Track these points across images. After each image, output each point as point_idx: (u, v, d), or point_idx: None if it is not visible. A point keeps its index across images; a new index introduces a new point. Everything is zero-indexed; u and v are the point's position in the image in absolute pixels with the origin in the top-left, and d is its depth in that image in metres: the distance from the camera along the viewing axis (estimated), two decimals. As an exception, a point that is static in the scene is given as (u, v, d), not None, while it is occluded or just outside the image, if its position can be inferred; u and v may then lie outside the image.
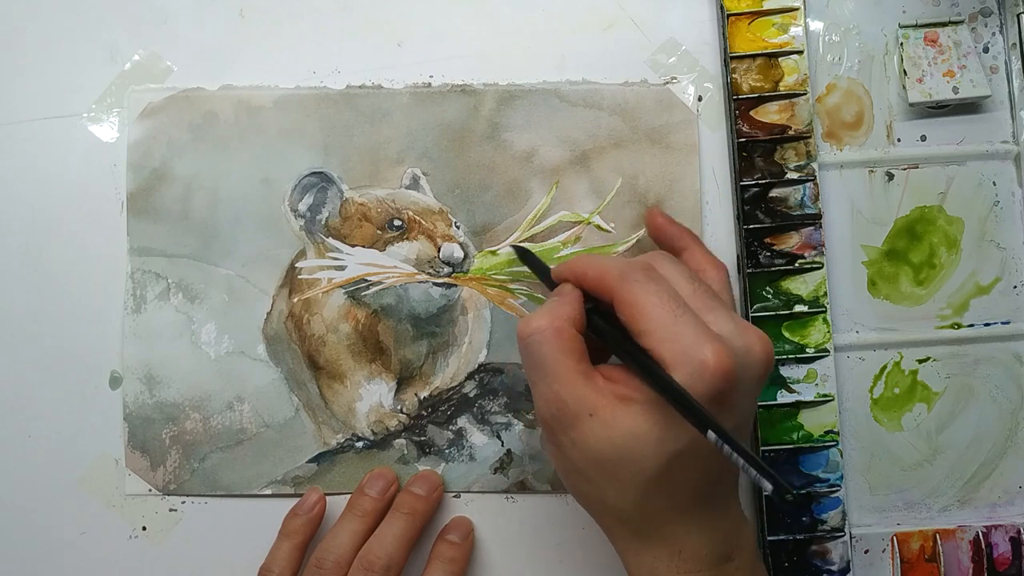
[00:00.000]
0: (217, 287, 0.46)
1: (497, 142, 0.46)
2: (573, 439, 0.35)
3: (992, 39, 0.47)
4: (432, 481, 0.44)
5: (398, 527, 0.42)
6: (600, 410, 0.34)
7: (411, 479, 0.45)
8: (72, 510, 0.45)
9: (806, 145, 0.46)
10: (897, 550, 0.45)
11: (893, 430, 0.46)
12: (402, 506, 0.43)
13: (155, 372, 0.45)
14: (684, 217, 0.46)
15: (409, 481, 0.44)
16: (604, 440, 0.34)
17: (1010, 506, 0.46)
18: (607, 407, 0.34)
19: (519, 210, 0.46)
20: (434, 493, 0.44)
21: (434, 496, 0.44)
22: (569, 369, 0.35)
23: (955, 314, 0.46)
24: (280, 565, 0.42)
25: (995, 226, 0.46)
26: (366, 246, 0.46)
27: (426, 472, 0.45)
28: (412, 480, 0.44)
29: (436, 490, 0.44)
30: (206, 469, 0.45)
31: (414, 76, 0.47)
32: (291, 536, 0.43)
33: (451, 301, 0.46)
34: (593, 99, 0.46)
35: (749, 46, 0.46)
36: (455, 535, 0.44)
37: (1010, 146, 0.46)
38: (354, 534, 0.42)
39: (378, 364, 0.46)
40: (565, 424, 0.35)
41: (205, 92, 0.47)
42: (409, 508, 0.43)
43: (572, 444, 0.35)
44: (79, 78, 0.47)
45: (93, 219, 0.46)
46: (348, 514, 0.43)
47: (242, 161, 0.46)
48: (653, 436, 0.34)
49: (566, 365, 0.35)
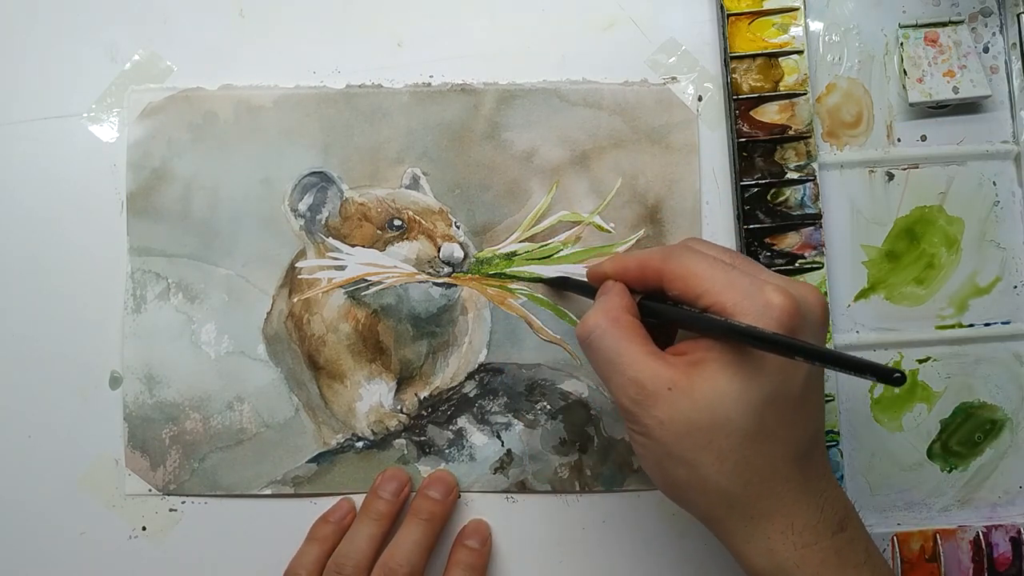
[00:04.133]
0: (217, 287, 0.46)
1: (497, 142, 0.46)
2: (659, 419, 0.34)
3: (992, 39, 0.47)
4: (448, 483, 0.44)
5: (417, 533, 0.42)
6: (678, 381, 0.33)
7: (426, 481, 0.44)
8: (72, 510, 0.45)
9: (806, 145, 0.46)
10: (897, 550, 0.45)
11: (893, 430, 0.46)
12: (420, 512, 0.43)
13: (155, 372, 0.45)
14: (684, 217, 0.46)
15: (424, 484, 0.44)
16: (689, 409, 0.33)
17: (1010, 506, 0.46)
18: (683, 376, 0.33)
19: (519, 210, 0.46)
20: (450, 496, 0.44)
21: (450, 499, 0.44)
22: (637, 351, 0.34)
23: (955, 314, 0.46)
24: (307, 569, 0.42)
25: (995, 226, 0.46)
26: (366, 246, 0.46)
27: (441, 473, 0.45)
28: (427, 483, 0.44)
29: (452, 492, 0.44)
30: (206, 469, 0.45)
31: (414, 76, 0.47)
32: (320, 542, 0.43)
33: (451, 301, 0.46)
34: (593, 99, 0.46)
35: (749, 46, 0.46)
36: (474, 540, 0.44)
37: (1010, 146, 0.46)
38: (371, 538, 0.42)
39: (378, 364, 0.46)
40: (648, 405, 0.34)
41: (205, 92, 0.47)
42: (427, 514, 0.43)
43: (660, 424, 0.34)
44: (79, 78, 0.47)
45: (93, 219, 0.46)
46: (364, 518, 0.43)
47: (242, 161, 0.46)
48: (735, 389, 0.33)
49: (632, 349, 0.34)
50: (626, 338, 0.35)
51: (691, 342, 0.35)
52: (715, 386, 0.33)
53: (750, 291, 0.33)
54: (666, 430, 0.34)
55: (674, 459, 0.34)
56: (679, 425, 0.34)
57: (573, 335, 0.45)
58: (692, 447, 0.34)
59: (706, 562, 0.45)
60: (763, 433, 0.33)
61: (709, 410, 0.33)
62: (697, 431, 0.33)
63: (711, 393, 0.33)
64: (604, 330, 0.35)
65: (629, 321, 0.35)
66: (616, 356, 0.35)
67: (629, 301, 0.36)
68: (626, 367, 0.34)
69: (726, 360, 0.33)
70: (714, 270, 0.34)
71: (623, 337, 0.35)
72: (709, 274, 0.34)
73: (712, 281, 0.34)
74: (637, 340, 0.35)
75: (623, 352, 0.35)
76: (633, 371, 0.34)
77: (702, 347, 0.34)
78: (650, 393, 0.34)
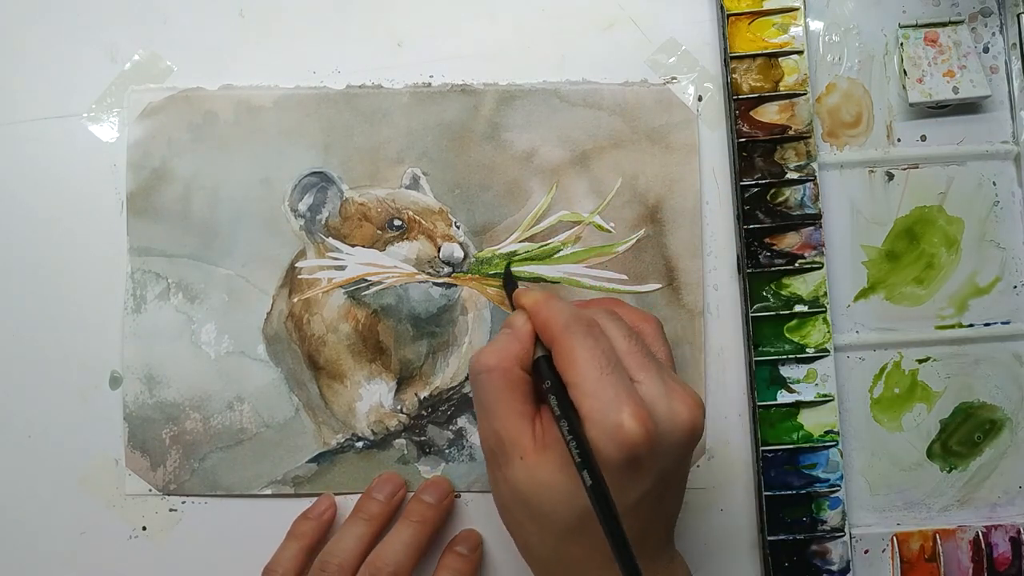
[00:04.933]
0: (217, 287, 0.46)
1: (497, 142, 0.46)
2: (505, 476, 0.36)
3: (992, 39, 0.47)
4: (443, 488, 0.44)
5: (407, 534, 0.42)
6: (528, 454, 0.35)
7: (422, 486, 0.44)
8: (72, 510, 0.45)
9: (806, 145, 0.46)
10: (897, 550, 0.45)
11: (893, 430, 0.46)
12: (412, 514, 0.43)
13: (155, 372, 0.45)
14: (684, 217, 0.46)
15: (420, 488, 0.44)
16: (527, 484, 0.35)
17: (1010, 506, 0.46)
18: (534, 453, 0.35)
19: (519, 210, 0.46)
20: (444, 501, 0.44)
21: (444, 504, 0.44)
22: (511, 410, 0.35)
23: (955, 314, 0.46)
24: (284, 566, 0.42)
25: (995, 226, 0.46)
26: (366, 246, 0.46)
27: (437, 479, 0.45)
28: (423, 487, 0.44)
29: (447, 498, 0.44)
30: (206, 469, 0.45)
31: (414, 76, 0.47)
32: (299, 538, 0.43)
33: (451, 301, 0.46)
34: (593, 99, 0.46)
35: (749, 46, 0.46)
36: (464, 547, 0.44)
37: (1010, 146, 0.46)
38: (359, 538, 0.42)
39: (378, 364, 0.46)
40: (500, 462, 0.36)
41: (205, 92, 0.47)
42: (419, 516, 0.43)
43: (504, 481, 0.36)
44: (79, 78, 0.47)
45: (93, 219, 0.46)
46: (354, 517, 0.43)
47: (242, 161, 0.46)
48: (565, 488, 0.34)
49: (509, 406, 0.35)
50: (507, 391, 0.36)
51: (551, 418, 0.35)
52: (550, 477, 0.34)
53: (609, 405, 0.33)
54: (508, 488, 0.36)
55: (509, 513, 0.37)
56: (517, 493, 0.35)
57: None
58: (523, 515, 0.36)
59: (705, 562, 0.45)
60: (583, 531, 0.35)
61: (540, 495, 0.35)
62: (528, 505, 0.35)
63: (547, 480, 0.34)
64: (492, 377, 0.36)
65: (517, 376, 0.36)
66: (492, 405, 0.36)
67: (527, 353, 0.36)
68: (496, 419, 0.36)
69: (568, 458, 0.34)
70: (591, 368, 0.34)
71: (505, 389, 0.36)
72: (585, 370, 0.34)
73: (583, 379, 0.34)
74: (517, 397, 0.36)
75: (499, 404, 0.36)
76: (500, 425, 0.35)
77: (555, 434, 0.35)
78: (506, 452, 0.35)
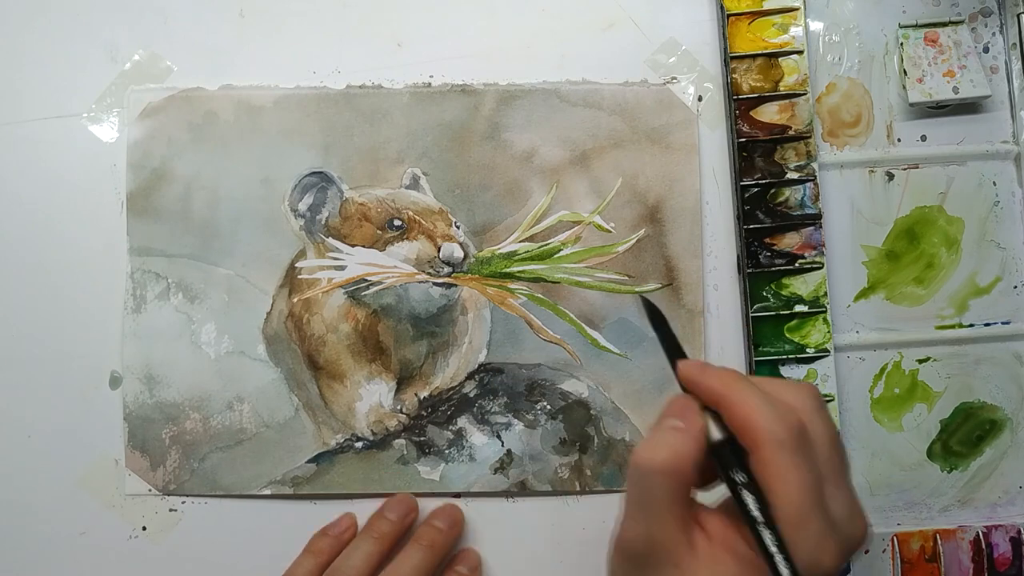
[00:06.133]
0: (217, 287, 0.46)
1: (497, 142, 0.46)
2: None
3: (992, 39, 0.47)
4: (454, 516, 0.44)
5: (417, 558, 0.42)
6: (684, 562, 0.32)
7: (433, 512, 0.45)
8: (72, 510, 0.45)
9: (806, 145, 0.46)
10: (897, 550, 0.45)
11: (893, 430, 0.46)
12: (422, 538, 0.43)
13: (155, 372, 0.45)
14: (684, 217, 0.46)
15: (431, 514, 0.45)
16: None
17: (1010, 506, 0.46)
18: (694, 560, 0.32)
19: (519, 210, 0.46)
20: (455, 528, 0.44)
21: (454, 531, 0.44)
22: (673, 515, 0.32)
23: (955, 314, 0.46)
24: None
25: (995, 226, 0.46)
26: (366, 246, 0.46)
27: (448, 507, 0.45)
28: (434, 513, 0.45)
29: (456, 525, 0.44)
30: (206, 469, 0.45)
31: (414, 76, 0.47)
32: (316, 554, 0.43)
33: (451, 301, 0.46)
34: (593, 99, 0.46)
35: (749, 46, 0.46)
36: (464, 567, 0.44)
37: (1010, 146, 0.46)
38: (368, 555, 0.42)
39: (378, 364, 0.46)
40: (645, 566, 0.32)
41: (205, 92, 0.47)
42: (429, 540, 0.43)
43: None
44: (79, 78, 0.47)
45: (93, 219, 0.46)
46: (365, 535, 0.43)
47: (242, 161, 0.46)
48: None
49: (671, 511, 0.32)
50: (673, 496, 0.32)
51: (723, 526, 0.33)
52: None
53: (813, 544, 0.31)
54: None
55: None
56: None
57: (572, 335, 0.45)
58: None
59: (706, 562, 0.45)
60: None
61: None
62: None
63: None
64: (663, 480, 0.32)
65: (687, 478, 0.32)
66: (653, 507, 0.32)
67: (700, 452, 0.32)
68: (653, 523, 0.32)
69: (742, 571, 0.31)
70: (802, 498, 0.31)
71: (672, 493, 0.32)
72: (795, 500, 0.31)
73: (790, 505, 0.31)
74: (679, 503, 0.32)
75: (661, 508, 0.32)
76: (657, 530, 0.32)
77: (728, 544, 0.32)
78: (657, 559, 0.32)
